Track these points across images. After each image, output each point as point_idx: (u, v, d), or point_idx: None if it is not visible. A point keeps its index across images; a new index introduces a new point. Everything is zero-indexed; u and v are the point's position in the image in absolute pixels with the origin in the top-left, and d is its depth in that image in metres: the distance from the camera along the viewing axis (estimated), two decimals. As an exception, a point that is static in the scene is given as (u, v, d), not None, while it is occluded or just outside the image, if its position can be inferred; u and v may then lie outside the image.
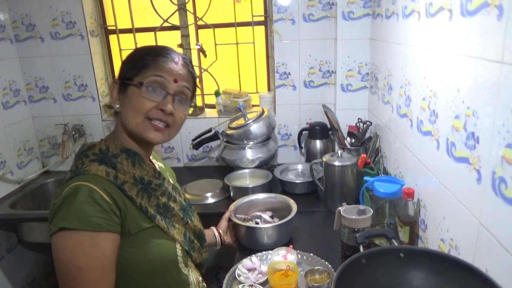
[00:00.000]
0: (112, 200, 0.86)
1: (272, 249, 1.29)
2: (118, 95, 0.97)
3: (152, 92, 0.92)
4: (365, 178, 1.42)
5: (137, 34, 2.21)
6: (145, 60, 0.94)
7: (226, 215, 1.43)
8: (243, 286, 1.15)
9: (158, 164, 1.14)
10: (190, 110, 2.25)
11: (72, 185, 0.85)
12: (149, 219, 0.94)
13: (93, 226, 0.82)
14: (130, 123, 0.94)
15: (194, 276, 1.07)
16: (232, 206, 1.47)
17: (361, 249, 1.03)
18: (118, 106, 0.97)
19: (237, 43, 2.22)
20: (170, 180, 1.13)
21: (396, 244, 1.02)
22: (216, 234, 1.36)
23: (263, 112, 2.00)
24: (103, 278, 0.84)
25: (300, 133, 2.13)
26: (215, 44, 2.22)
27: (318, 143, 2.02)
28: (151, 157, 1.12)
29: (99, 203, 0.84)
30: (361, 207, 1.22)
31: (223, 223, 1.41)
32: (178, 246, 1.00)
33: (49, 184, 2.19)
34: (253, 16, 2.15)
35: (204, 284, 1.15)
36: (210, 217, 1.49)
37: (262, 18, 2.17)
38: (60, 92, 2.21)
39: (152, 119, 0.94)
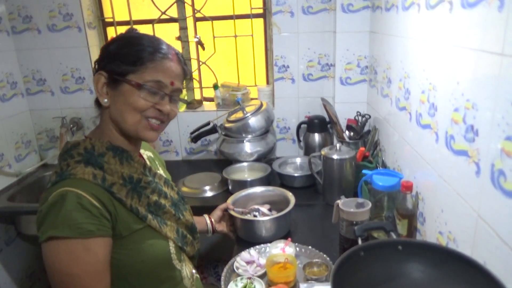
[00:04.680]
0: (101, 204, 0.84)
1: (270, 242, 1.30)
2: (106, 88, 0.91)
3: (150, 93, 0.90)
4: (364, 171, 1.42)
5: (134, 27, 2.19)
6: (142, 57, 0.89)
7: (222, 206, 1.43)
8: (242, 278, 1.15)
9: (146, 154, 1.12)
10: (182, 108, 2.25)
11: (58, 191, 0.82)
12: (140, 220, 0.92)
13: (84, 232, 0.80)
14: (126, 122, 0.91)
15: (187, 269, 1.07)
16: (229, 201, 1.47)
17: (360, 241, 1.03)
18: (106, 100, 0.92)
19: (235, 36, 2.20)
20: (161, 171, 1.11)
21: (394, 237, 1.03)
22: (208, 222, 1.37)
23: (261, 105, 2.00)
24: (98, 282, 0.83)
25: (298, 127, 2.13)
26: (214, 37, 2.21)
27: (316, 137, 2.02)
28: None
29: (88, 209, 0.82)
30: (360, 200, 1.22)
31: (217, 212, 1.41)
32: (171, 243, 0.99)
33: (47, 177, 2.18)
34: (251, 8, 2.13)
35: (198, 276, 1.15)
36: (209, 210, 1.49)
37: (261, 11, 2.15)
38: (58, 85, 2.19)
39: (149, 118, 0.92)
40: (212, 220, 1.38)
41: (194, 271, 1.13)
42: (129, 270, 0.91)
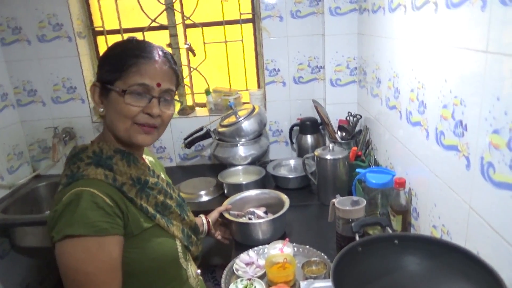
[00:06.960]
0: (114, 203, 0.86)
1: (266, 244, 1.31)
2: (100, 98, 0.93)
3: (136, 98, 0.90)
4: (357, 170, 1.44)
5: (125, 35, 2.21)
6: (125, 63, 0.89)
7: (220, 208, 1.45)
8: (242, 280, 1.16)
9: (148, 159, 1.14)
10: (177, 107, 2.25)
11: (72, 191, 0.84)
12: (149, 219, 0.94)
13: (99, 230, 0.82)
14: (118, 129, 0.92)
15: (193, 269, 1.09)
16: (225, 203, 1.48)
17: (357, 238, 1.05)
18: (102, 110, 0.94)
19: (225, 41, 2.23)
20: (162, 175, 1.13)
21: (390, 231, 1.05)
22: (205, 222, 1.38)
23: (254, 109, 2.02)
24: (112, 280, 0.85)
25: (291, 129, 2.15)
26: (204, 43, 2.23)
27: (309, 138, 2.04)
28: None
29: (102, 207, 0.83)
30: (355, 198, 1.24)
31: (214, 214, 1.43)
32: (178, 242, 1.02)
33: (40, 188, 2.17)
34: (241, 14, 2.16)
35: (201, 278, 1.17)
36: (205, 215, 1.50)
37: (250, 16, 2.18)
38: (49, 95, 2.19)
39: (140, 124, 0.92)
40: (209, 220, 1.39)
41: (198, 271, 1.14)
42: (139, 268, 0.93)
